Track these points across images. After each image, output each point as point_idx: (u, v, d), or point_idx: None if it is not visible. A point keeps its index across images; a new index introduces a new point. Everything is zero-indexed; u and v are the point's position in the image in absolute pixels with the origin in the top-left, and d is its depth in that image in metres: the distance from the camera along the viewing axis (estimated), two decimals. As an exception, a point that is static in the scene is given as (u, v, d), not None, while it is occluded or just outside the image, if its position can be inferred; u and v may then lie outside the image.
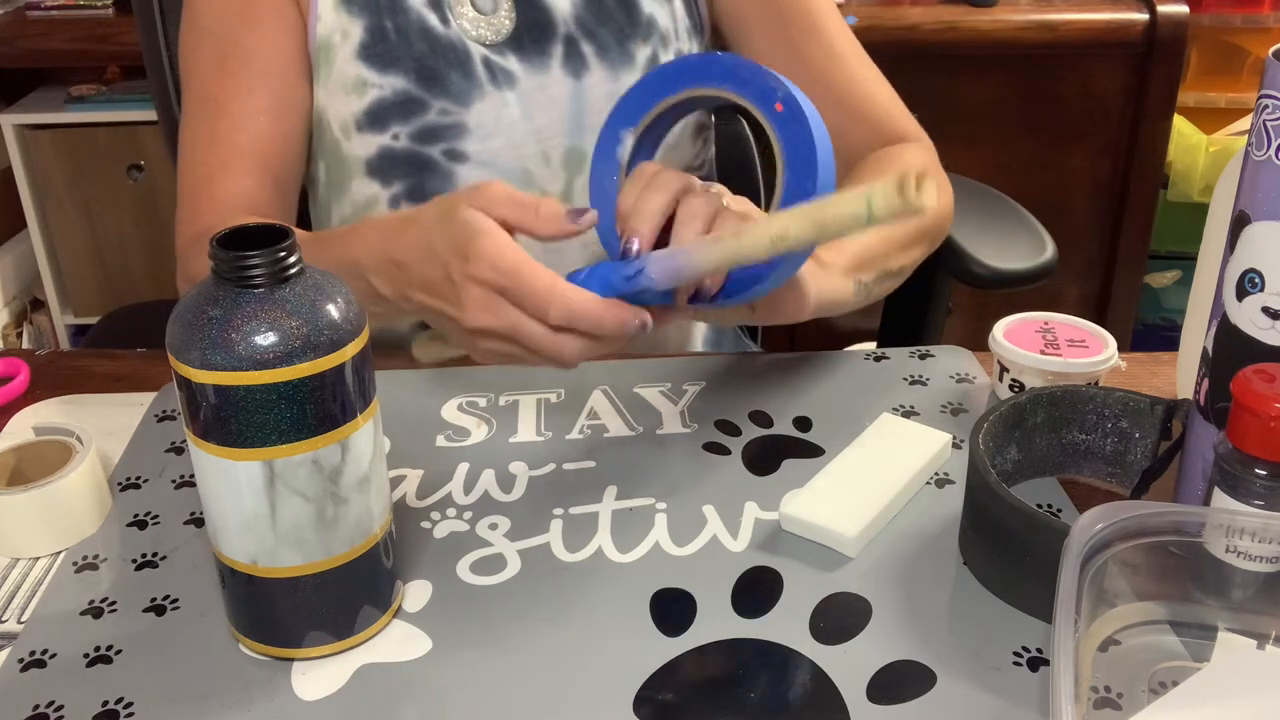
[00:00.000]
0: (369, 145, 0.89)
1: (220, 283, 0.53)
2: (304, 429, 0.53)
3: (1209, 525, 0.57)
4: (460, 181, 0.90)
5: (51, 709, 0.56)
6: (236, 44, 0.86)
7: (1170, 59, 1.88)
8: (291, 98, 0.88)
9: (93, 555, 0.67)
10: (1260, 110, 0.57)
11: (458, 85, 0.87)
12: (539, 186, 0.91)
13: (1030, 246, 1.05)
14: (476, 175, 0.90)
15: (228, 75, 0.86)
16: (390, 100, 0.87)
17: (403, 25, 0.87)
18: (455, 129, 0.88)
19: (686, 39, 0.93)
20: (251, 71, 0.86)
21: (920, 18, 1.88)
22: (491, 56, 0.88)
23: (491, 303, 0.61)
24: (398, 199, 0.91)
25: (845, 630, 0.60)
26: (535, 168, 0.90)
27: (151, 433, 0.78)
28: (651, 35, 0.90)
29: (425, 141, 0.89)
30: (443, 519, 0.69)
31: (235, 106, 0.86)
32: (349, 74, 0.87)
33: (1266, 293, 0.58)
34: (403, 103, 0.87)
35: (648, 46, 0.90)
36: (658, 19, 0.91)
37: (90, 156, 2.04)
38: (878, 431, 0.74)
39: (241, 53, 0.86)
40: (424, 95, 0.87)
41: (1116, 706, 0.54)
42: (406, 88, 0.87)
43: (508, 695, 0.56)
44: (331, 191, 0.94)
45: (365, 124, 0.88)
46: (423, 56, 0.87)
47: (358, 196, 0.92)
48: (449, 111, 0.88)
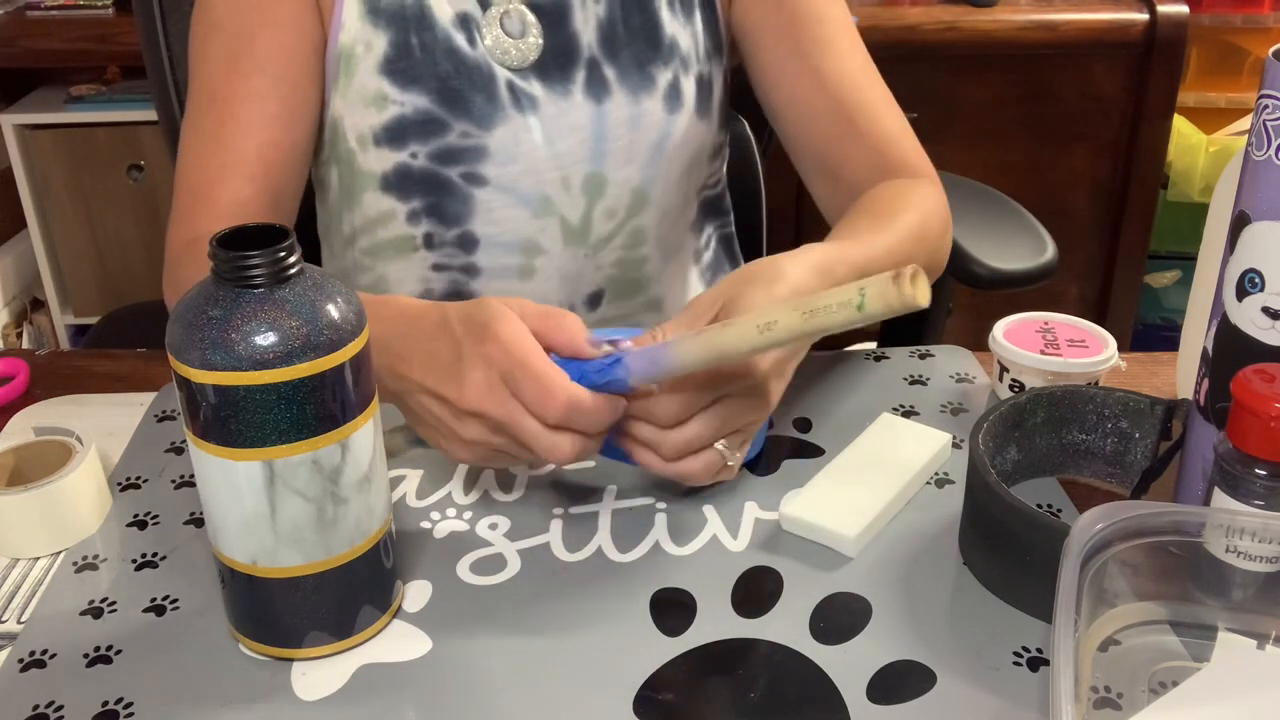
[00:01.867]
0: (385, 161, 0.88)
1: (220, 283, 0.53)
2: (304, 429, 0.53)
3: (1209, 525, 0.57)
4: (478, 205, 0.89)
5: (51, 709, 0.56)
6: (251, 44, 0.84)
7: (1170, 59, 1.88)
8: (303, 108, 0.86)
9: (93, 555, 0.67)
10: (1260, 110, 0.57)
11: (480, 108, 0.86)
12: (558, 213, 0.90)
13: (1030, 247, 1.05)
14: (495, 199, 0.89)
15: (239, 76, 0.84)
16: (410, 118, 0.86)
17: (429, 43, 0.85)
18: (475, 152, 0.87)
19: (707, 61, 0.92)
20: (265, 76, 0.84)
21: (920, 18, 1.88)
22: (516, 80, 0.87)
23: (493, 389, 0.60)
24: (416, 214, 0.90)
25: (845, 630, 0.60)
26: (554, 193, 0.89)
27: (151, 433, 0.78)
28: (673, 59, 0.89)
29: (444, 163, 0.87)
30: (443, 519, 0.69)
31: (245, 110, 0.84)
32: (370, 87, 0.86)
33: (1266, 293, 0.58)
34: (423, 122, 0.86)
35: (669, 70, 0.89)
36: (679, 42, 0.90)
37: (90, 156, 2.04)
38: (878, 431, 0.74)
39: (256, 54, 0.84)
40: (445, 116, 0.86)
41: (1116, 706, 0.54)
42: (428, 107, 0.86)
43: (508, 695, 0.56)
44: (344, 200, 0.93)
45: (383, 139, 0.87)
46: (447, 77, 0.85)
47: (370, 210, 0.91)
48: (470, 134, 0.86)
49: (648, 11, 0.89)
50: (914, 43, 1.86)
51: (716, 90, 0.93)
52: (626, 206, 0.91)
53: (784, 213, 1.91)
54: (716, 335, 0.57)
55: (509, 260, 0.91)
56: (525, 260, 0.91)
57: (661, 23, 0.89)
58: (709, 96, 0.92)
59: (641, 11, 0.89)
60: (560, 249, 0.91)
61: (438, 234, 0.90)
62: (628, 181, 0.90)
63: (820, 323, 0.54)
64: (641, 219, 0.93)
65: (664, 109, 0.89)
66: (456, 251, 0.91)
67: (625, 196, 0.91)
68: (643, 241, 0.94)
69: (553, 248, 0.91)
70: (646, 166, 0.91)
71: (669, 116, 0.90)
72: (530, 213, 0.89)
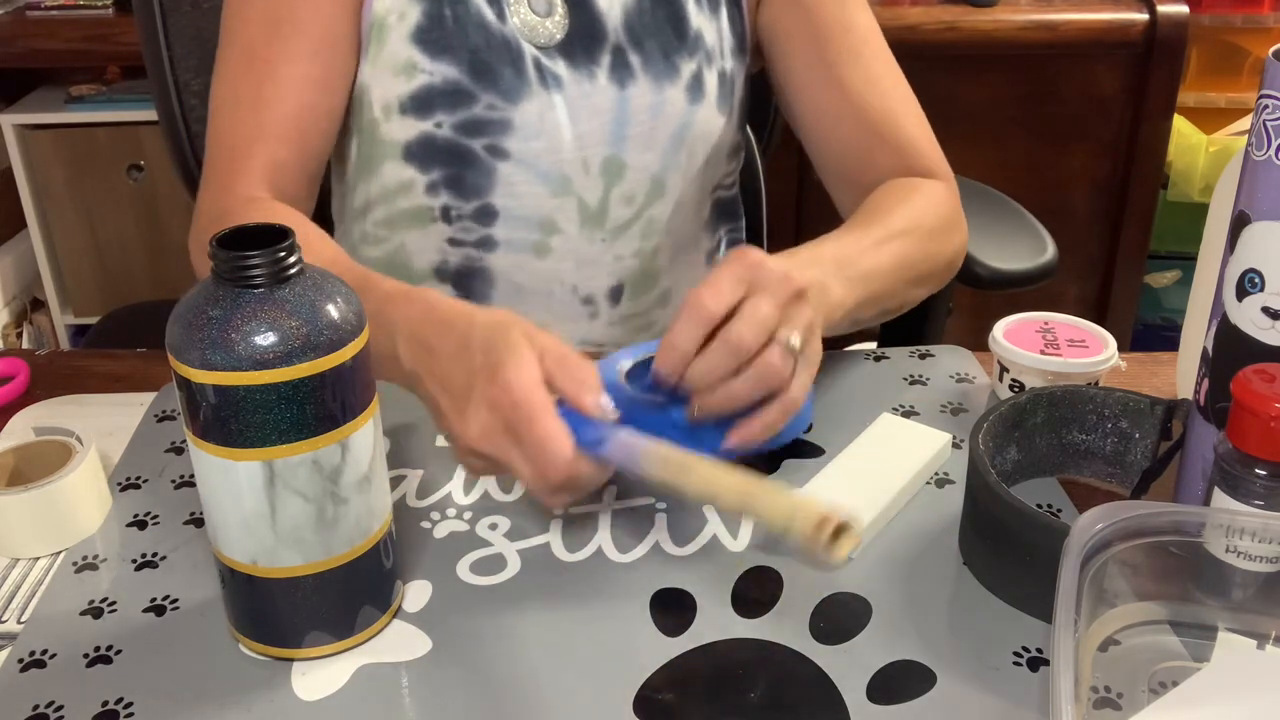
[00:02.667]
0: (410, 130, 0.88)
1: (220, 283, 0.53)
2: (304, 429, 0.53)
3: (1209, 525, 0.57)
4: (499, 178, 0.89)
5: (51, 709, 0.56)
6: (294, 6, 0.85)
7: (1170, 59, 1.88)
8: (341, 72, 0.87)
9: (92, 555, 0.67)
10: (1260, 110, 0.57)
11: (508, 82, 0.87)
12: (576, 194, 0.90)
13: (1030, 247, 1.05)
14: (516, 173, 0.89)
15: (280, 38, 0.84)
16: (439, 88, 0.87)
17: (460, 14, 0.86)
18: (500, 125, 0.88)
19: (731, 57, 0.92)
20: (306, 39, 0.84)
21: (920, 18, 1.88)
22: (542, 59, 0.88)
23: (494, 435, 0.59)
24: (435, 185, 0.90)
25: (845, 630, 0.60)
26: (574, 173, 0.90)
27: (151, 433, 0.78)
28: (697, 50, 0.90)
29: (469, 134, 0.88)
30: (443, 519, 0.69)
31: (285, 72, 0.84)
32: (400, 55, 0.86)
33: (1266, 293, 0.58)
34: (451, 92, 0.87)
35: (693, 61, 0.90)
36: (705, 35, 0.91)
37: (90, 156, 2.04)
38: (878, 431, 0.74)
39: (297, 19, 0.85)
40: (473, 87, 0.87)
41: (1116, 706, 0.54)
42: (457, 78, 0.86)
43: (508, 695, 0.56)
44: (361, 171, 0.93)
45: (410, 108, 0.88)
46: (477, 49, 0.86)
47: (389, 180, 0.91)
48: (496, 107, 0.87)
49: (674, 4, 0.90)
50: (914, 43, 1.86)
51: (738, 88, 0.94)
52: (644, 193, 0.92)
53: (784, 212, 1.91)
54: (678, 470, 0.58)
55: (526, 235, 0.91)
56: (542, 237, 0.91)
57: (688, 15, 0.90)
58: (730, 93, 0.93)
59: (668, 4, 0.90)
60: (576, 230, 0.92)
61: (456, 207, 0.91)
62: (646, 168, 0.91)
63: (750, 510, 0.59)
64: (657, 208, 0.93)
65: (686, 99, 0.90)
66: (474, 225, 0.91)
67: (643, 183, 0.92)
68: (657, 232, 0.94)
69: (569, 228, 0.91)
70: (666, 155, 0.91)
71: (690, 107, 0.91)
72: (549, 190, 0.90)
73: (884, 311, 0.81)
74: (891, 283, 0.79)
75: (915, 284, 0.83)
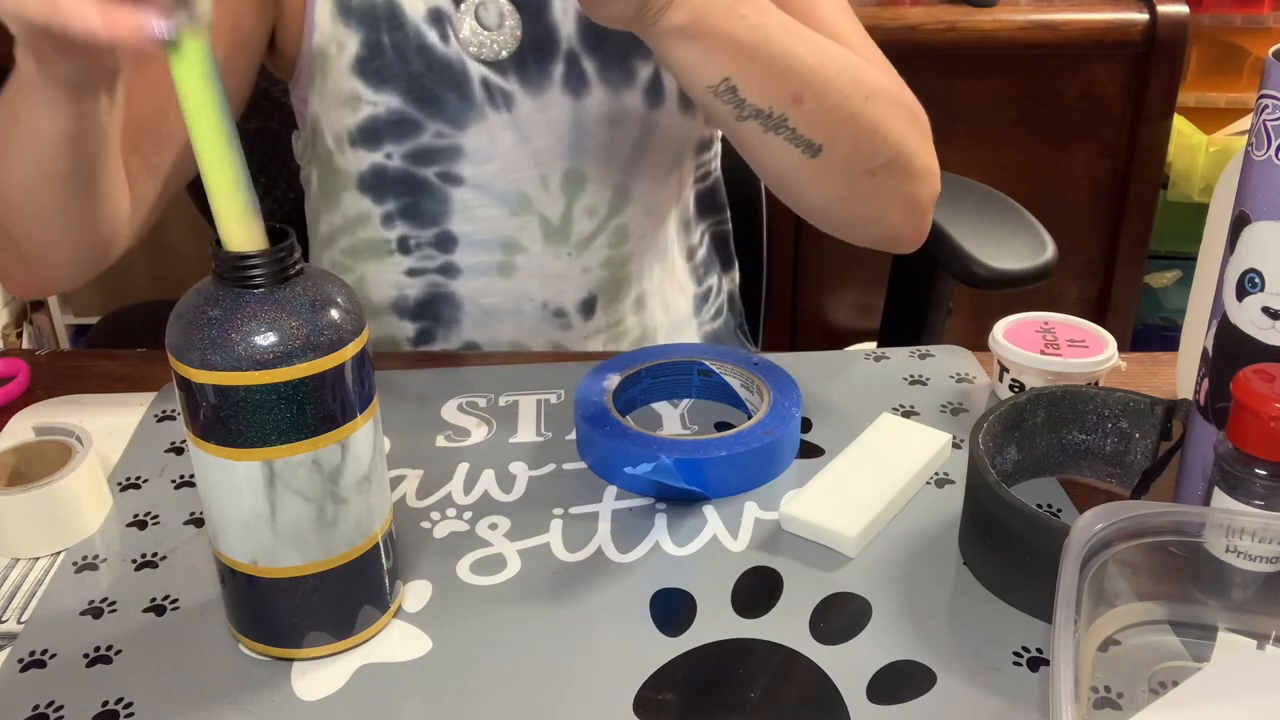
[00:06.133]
0: (362, 161, 0.88)
1: (220, 283, 0.53)
2: (304, 429, 0.53)
3: (1209, 525, 0.57)
4: (455, 204, 0.88)
5: (51, 709, 0.56)
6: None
7: (1170, 59, 1.88)
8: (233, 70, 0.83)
9: (93, 555, 0.67)
10: (1260, 110, 0.57)
11: (454, 108, 0.85)
12: (537, 211, 0.89)
13: (1030, 246, 1.05)
14: (472, 198, 0.88)
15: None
16: (384, 119, 0.85)
17: (400, 42, 0.84)
18: (450, 152, 0.87)
19: None
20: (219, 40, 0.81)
21: (920, 18, 1.88)
22: (491, 76, 0.85)
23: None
24: (390, 216, 0.90)
25: (845, 630, 0.60)
26: (533, 191, 0.89)
27: (151, 433, 0.78)
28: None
29: (419, 163, 0.87)
30: (443, 519, 0.69)
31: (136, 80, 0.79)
32: (344, 88, 0.85)
33: (1266, 293, 0.58)
34: (397, 122, 0.86)
35: (650, 63, 0.88)
36: None
37: (90, 156, 2.04)
38: (878, 431, 0.74)
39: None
40: (419, 116, 0.85)
41: (1116, 706, 0.54)
42: (401, 107, 0.85)
43: (508, 695, 0.56)
44: (322, 201, 0.93)
45: (359, 140, 0.87)
46: (419, 76, 0.84)
47: (349, 210, 0.91)
48: (444, 134, 0.86)
49: None
50: (914, 43, 1.86)
51: None
52: (608, 204, 0.90)
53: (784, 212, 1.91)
54: None
55: (489, 258, 0.90)
56: (506, 258, 0.90)
57: None
58: None
59: None
60: (540, 247, 0.90)
61: (413, 236, 0.90)
62: (608, 178, 0.89)
63: None
64: (624, 216, 0.92)
65: (645, 103, 0.88)
66: (435, 252, 0.90)
67: (606, 194, 0.90)
68: (626, 240, 0.93)
69: (533, 246, 0.90)
70: (628, 163, 0.89)
71: (650, 111, 0.88)
72: (508, 211, 0.89)
73: (804, 94, 0.71)
74: (824, 64, 0.71)
75: (871, 96, 0.74)
